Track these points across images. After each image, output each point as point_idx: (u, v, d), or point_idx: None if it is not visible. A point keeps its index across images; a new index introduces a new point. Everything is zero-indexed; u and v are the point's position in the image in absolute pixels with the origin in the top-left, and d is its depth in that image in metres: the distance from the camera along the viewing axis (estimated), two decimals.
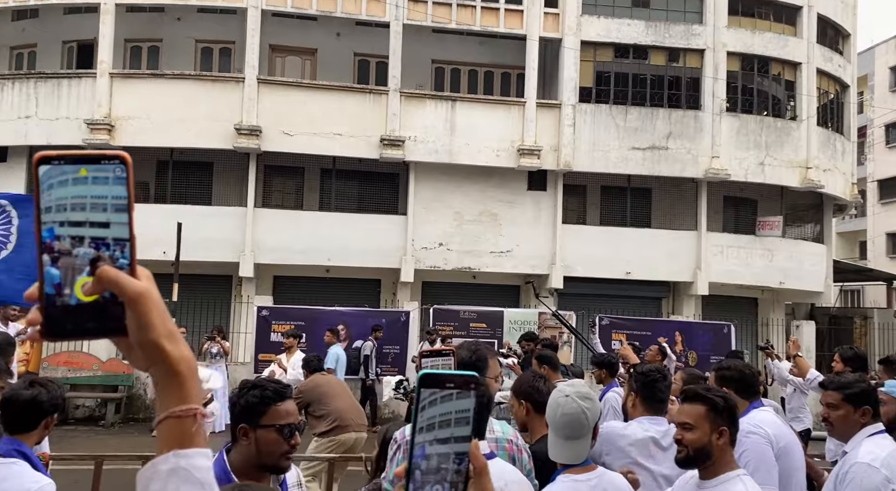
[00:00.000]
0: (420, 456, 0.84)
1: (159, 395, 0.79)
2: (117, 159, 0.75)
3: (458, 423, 0.85)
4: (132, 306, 0.75)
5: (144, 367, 0.78)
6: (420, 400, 0.84)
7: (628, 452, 3.29)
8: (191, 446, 0.78)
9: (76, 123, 14.64)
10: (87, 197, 0.75)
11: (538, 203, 16.28)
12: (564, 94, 16.12)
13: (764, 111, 17.47)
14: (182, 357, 0.79)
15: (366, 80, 16.87)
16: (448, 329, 13.48)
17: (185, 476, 0.76)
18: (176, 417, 0.78)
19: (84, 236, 0.75)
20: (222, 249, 14.72)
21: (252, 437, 2.07)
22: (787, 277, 16.84)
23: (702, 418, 2.41)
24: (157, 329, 0.77)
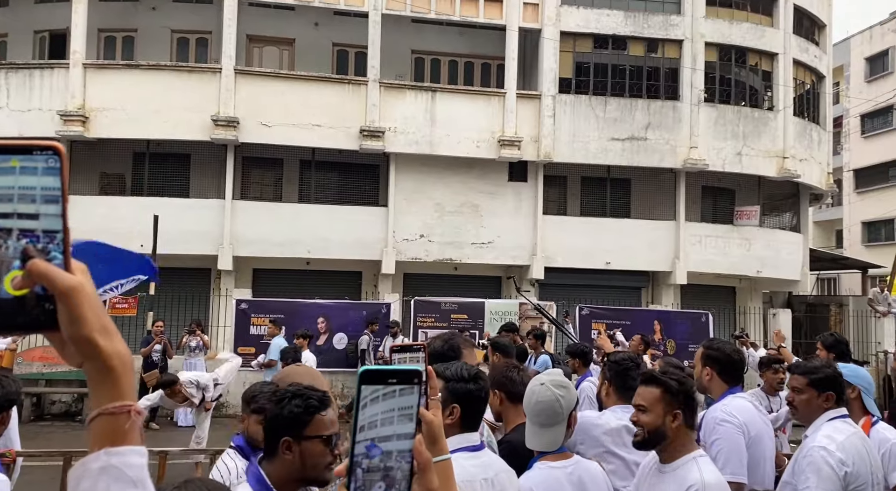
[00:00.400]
0: (362, 454, 0.83)
1: (93, 391, 0.77)
2: (50, 150, 0.73)
3: (400, 420, 0.84)
4: (63, 300, 0.73)
5: (77, 363, 0.77)
6: (361, 398, 0.83)
7: (602, 440, 3.32)
8: (123, 444, 0.76)
9: (49, 115, 14.38)
10: (15, 188, 0.72)
11: (519, 194, 16.31)
12: (544, 85, 16.13)
13: (741, 101, 17.62)
14: (116, 352, 0.77)
15: (345, 71, 16.75)
16: (429, 320, 13.51)
17: (116, 474, 0.74)
18: (109, 413, 0.76)
19: (11, 228, 0.72)
20: (200, 241, 14.57)
21: (296, 450, 1.92)
22: (765, 266, 17.05)
23: (657, 401, 2.46)
24: (90, 324, 0.75)
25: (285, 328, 12.38)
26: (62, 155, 0.73)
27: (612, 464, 3.27)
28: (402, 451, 0.85)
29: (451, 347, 2.89)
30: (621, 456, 3.28)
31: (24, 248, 0.73)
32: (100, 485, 0.74)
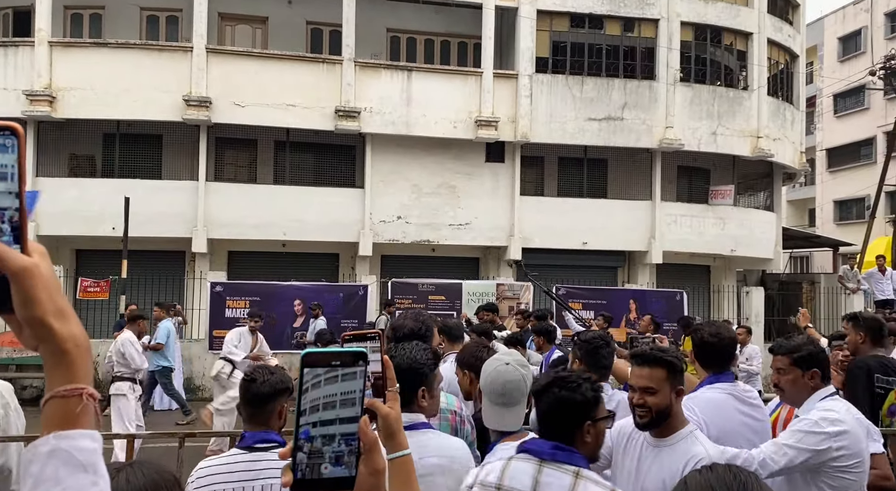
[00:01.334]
0: (304, 437, 0.82)
1: (47, 374, 0.77)
2: (8, 130, 0.73)
3: (343, 405, 0.84)
4: (16, 282, 0.73)
5: (33, 345, 0.76)
6: (303, 381, 0.82)
7: None
8: (74, 427, 0.75)
9: (14, 95, 14.01)
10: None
11: (496, 175, 16.29)
12: (521, 65, 16.04)
13: (716, 81, 17.70)
14: (70, 335, 0.76)
15: (319, 50, 16.50)
16: (407, 302, 13.49)
17: (65, 458, 0.74)
18: (60, 397, 0.75)
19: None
20: (174, 223, 14.38)
21: None
22: (739, 245, 17.27)
23: (664, 381, 2.46)
24: (44, 306, 0.74)
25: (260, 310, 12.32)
26: (19, 134, 0.73)
27: None
28: (346, 434, 0.84)
29: (427, 328, 2.90)
30: None
31: None
32: (48, 469, 0.73)
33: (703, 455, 2.38)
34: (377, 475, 0.88)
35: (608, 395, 3.42)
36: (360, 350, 0.85)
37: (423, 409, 2.24)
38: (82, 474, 0.74)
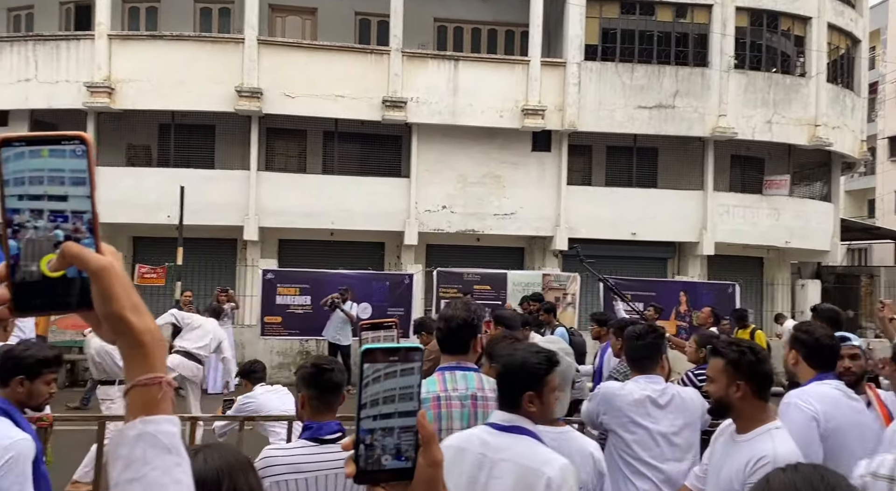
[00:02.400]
0: (366, 431, 0.86)
1: (126, 365, 0.82)
2: (77, 139, 0.78)
3: (402, 399, 0.87)
4: (96, 280, 0.78)
5: (111, 339, 0.81)
6: (363, 376, 0.85)
7: (625, 410, 3.32)
8: (157, 413, 0.81)
9: (76, 87, 14.51)
10: (45, 170, 0.77)
11: (542, 164, 16.16)
12: (569, 53, 15.83)
13: (772, 68, 17.14)
14: (146, 328, 0.81)
15: (367, 40, 16.60)
16: (452, 292, 13.53)
17: (151, 441, 0.79)
18: (142, 385, 0.81)
19: (42, 209, 0.77)
20: (226, 212, 14.73)
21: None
22: (794, 236, 16.76)
23: (720, 372, 2.55)
24: (121, 301, 0.79)
25: (310, 298, 12.58)
26: (88, 143, 0.78)
27: (636, 434, 3.28)
28: (404, 427, 0.88)
29: (478, 317, 2.86)
30: (645, 426, 3.29)
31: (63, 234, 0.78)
32: (136, 451, 0.78)
33: (767, 454, 2.36)
34: (435, 467, 0.90)
35: (661, 387, 3.39)
36: (417, 345, 0.89)
37: (529, 414, 2.17)
38: (167, 456, 0.80)
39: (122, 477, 0.78)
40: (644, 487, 3.23)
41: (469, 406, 2.64)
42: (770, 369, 2.57)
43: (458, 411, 2.61)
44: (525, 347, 2.24)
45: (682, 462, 3.27)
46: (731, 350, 2.55)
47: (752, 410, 2.52)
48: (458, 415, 2.60)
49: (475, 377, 2.74)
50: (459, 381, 2.69)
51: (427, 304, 14.27)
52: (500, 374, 2.20)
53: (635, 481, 3.25)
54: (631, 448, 3.29)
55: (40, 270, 0.77)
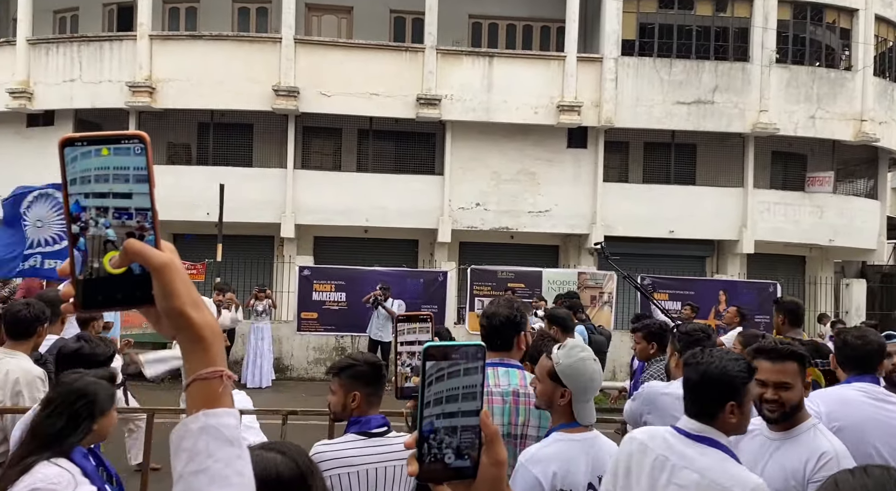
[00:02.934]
0: (428, 429, 0.85)
1: (186, 360, 0.83)
2: (137, 139, 0.79)
3: (465, 398, 0.86)
4: (158, 276, 0.79)
5: (171, 334, 0.82)
6: (426, 375, 0.85)
7: (671, 410, 3.26)
8: (218, 406, 0.82)
9: (118, 86, 14.85)
10: (109, 168, 0.78)
11: (578, 161, 16.01)
12: (606, 48, 15.65)
13: (816, 62, 16.70)
14: (206, 323, 0.82)
15: (402, 38, 16.65)
16: (486, 289, 13.50)
17: (214, 433, 0.80)
18: (203, 379, 0.82)
19: (108, 207, 0.78)
20: (264, 210, 14.93)
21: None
22: (837, 235, 16.32)
23: (796, 375, 2.43)
24: (182, 297, 0.80)
25: (346, 294, 12.69)
26: (147, 142, 0.79)
27: None
28: (468, 426, 0.87)
29: (522, 315, 2.85)
30: None
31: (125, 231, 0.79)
32: (199, 443, 0.80)
33: (829, 452, 2.32)
34: (499, 466, 0.90)
35: None
36: (479, 344, 0.87)
37: (729, 426, 2.08)
38: (230, 448, 0.81)
39: (186, 469, 0.79)
40: None
41: (510, 402, 2.63)
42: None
43: (500, 407, 2.61)
44: (721, 354, 2.14)
45: None
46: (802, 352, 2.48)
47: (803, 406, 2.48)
48: (498, 410, 2.60)
49: (518, 374, 2.73)
50: (502, 377, 2.69)
51: (461, 301, 14.28)
52: (695, 382, 2.12)
53: None
54: None
55: (103, 266, 0.78)
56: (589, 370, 2.33)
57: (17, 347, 3.39)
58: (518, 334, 2.81)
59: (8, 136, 15.58)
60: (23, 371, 3.29)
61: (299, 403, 9.36)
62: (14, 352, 3.38)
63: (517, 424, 2.62)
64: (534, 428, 2.64)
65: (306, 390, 11.97)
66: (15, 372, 3.30)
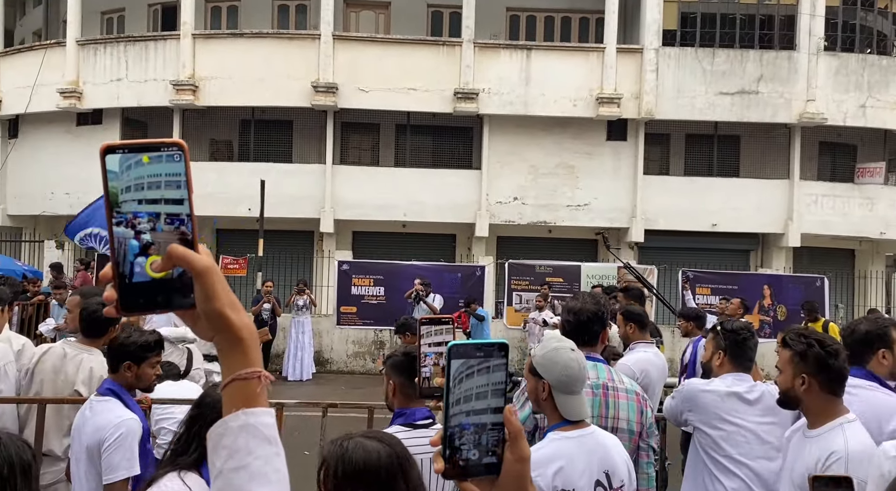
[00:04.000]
0: (455, 426, 0.86)
1: (224, 360, 0.85)
2: (175, 146, 0.81)
3: (494, 395, 0.87)
4: (200, 280, 0.81)
5: (210, 336, 0.84)
6: (453, 373, 0.85)
7: (711, 407, 3.22)
8: (256, 405, 0.84)
9: (163, 85, 15.20)
10: (152, 174, 0.81)
11: (618, 154, 15.80)
12: (647, 38, 15.37)
13: (867, 49, 16.12)
14: (244, 325, 0.85)
15: (439, 32, 16.63)
16: (524, 283, 13.45)
17: (253, 432, 0.83)
18: (242, 379, 0.84)
19: (150, 212, 0.81)
20: (303, 205, 15.12)
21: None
22: (889, 227, 15.77)
23: (787, 363, 2.53)
24: (222, 299, 0.83)
25: (384, 289, 12.79)
26: (185, 149, 0.82)
27: (723, 430, 3.18)
28: (495, 423, 0.88)
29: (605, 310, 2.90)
30: (733, 422, 3.18)
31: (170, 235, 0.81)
32: (239, 441, 0.82)
33: (838, 450, 2.29)
34: (523, 462, 0.91)
35: (749, 384, 3.26)
36: (502, 341, 0.88)
37: None
38: (268, 446, 0.83)
39: (226, 465, 0.82)
40: (732, 485, 3.12)
41: (600, 395, 2.69)
42: (842, 364, 2.46)
43: (590, 399, 2.64)
44: None
45: (772, 460, 3.14)
46: (798, 342, 2.51)
47: (821, 404, 2.46)
48: (588, 402, 2.62)
49: (604, 368, 2.80)
50: (590, 370, 2.72)
51: (498, 296, 14.25)
52: None
53: (723, 479, 3.14)
54: (718, 445, 3.18)
55: (145, 271, 0.80)
56: (563, 359, 2.27)
57: (92, 343, 3.52)
58: (603, 329, 2.88)
59: (59, 135, 16.10)
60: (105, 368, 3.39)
61: (339, 395, 9.51)
62: (90, 349, 3.52)
63: (607, 416, 2.67)
64: (624, 421, 2.70)
65: (346, 383, 12.12)
66: (99, 369, 3.43)
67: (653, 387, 4.35)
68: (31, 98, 15.50)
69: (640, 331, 4.69)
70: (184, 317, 0.85)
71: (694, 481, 3.29)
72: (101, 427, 2.68)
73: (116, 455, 2.67)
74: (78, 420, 2.82)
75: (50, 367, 3.49)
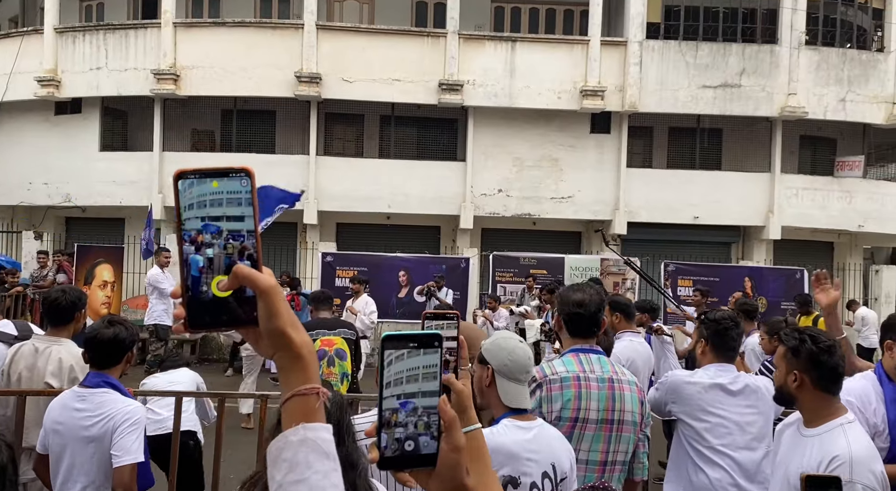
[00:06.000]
0: (390, 410, 0.86)
1: (284, 376, 0.88)
2: (244, 172, 0.85)
3: (425, 378, 0.88)
4: (264, 298, 0.84)
5: (271, 354, 0.87)
6: (385, 358, 0.86)
7: (695, 399, 3.25)
8: (315, 421, 0.86)
9: (144, 74, 14.99)
10: (221, 193, 0.84)
11: (601, 146, 15.86)
12: (631, 31, 15.42)
13: (847, 43, 16.30)
14: (304, 342, 0.87)
15: (424, 23, 16.54)
16: (508, 276, 13.49)
17: (312, 446, 0.85)
18: (301, 395, 0.86)
19: (223, 229, 0.83)
20: None
21: None
22: (867, 220, 16.01)
23: (781, 359, 2.51)
24: (284, 318, 0.85)
25: (369, 281, 12.70)
26: (252, 174, 0.86)
27: (707, 422, 3.21)
28: (429, 407, 0.88)
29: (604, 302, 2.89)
30: (716, 413, 3.22)
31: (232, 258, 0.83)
32: (300, 455, 0.84)
33: (842, 454, 2.26)
34: (458, 452, 0.92)
35: (732, 375, 3.30)
36: (435, 333, 0.89)
37: None
38: (326, 460, 0.85)
39: (286, 479, 0.84)
40: (715, 475, 3.16)
41: (606, 389, 2.68)
42: (836, 361, 2.40)
43: (596, 392, 2.66)
44: None
45: (755, 451, 3.19)
46: (791, 337, 2.47)
47: (815, 402, 2.41)
48: (595, 396, 2.65)
49: (608, 361, 2.80)
50: (595, 364, 2.74)
51: (483, 287, 14.28)
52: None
53: (706, 469, 3.18)
54: (702, 436, 3.22)
55: (211, 289, 0.83)
56: (510, 346, 2.27)
57: (60, 333, 3.48)
58: (602, 320, 2.86)
59: (37, 124, 15.84)
60: (75, 357, 3.39)
61: None
62: (59, 339, 3.48)
63: (614, 409, 2.67)
64: (629, 413, 2.69)
65: None
66: (68, 359, 3.41)
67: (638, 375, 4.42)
68: (7, 86, 15.22)
69: (626, 320, 4.79)
70: (245, 334, 0.87)
71: (677, 472, 3.33)
72: (111, 415, 2.73)
73: (130, 438, 2.72)
74: (66, 413, 2.77)
75: (24, 366, 3.45)
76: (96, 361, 2.86)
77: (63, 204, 15.53)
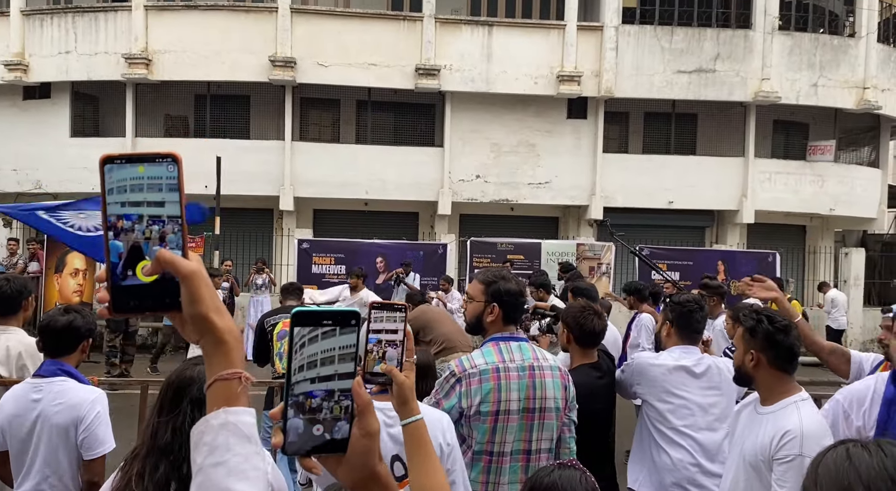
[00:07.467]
0: (299, 395, 0.85)
1: (208, 362, 0.88)
2: (170, 157, 0.85)
3: (342, 359, 0.86)
4: (185, 283, 0.84)
5: (196, 339, 0.87)
6: (296, 338, 0.85)
7: (659, 381, 3.30)
8: (237, 405, 0.86)
9: (114, 58, 14.70)
10: (144, 178, 0.83)
11: (578, 132, 15.91)
12: (607, 16, 15.43)
13: (819, 28, 16.46)
14: (228, 328, 0.87)
15: (400, 6, 16.37)
16: (486, 261, 13.53)
17: (233, 430, 0.85)
18: (224, 379, 0.86)
19: (143, 215, 0.83)
20: (262, 182, 14.88)
21: None
22: (838, 204, 16.28)
23: (739, 339, 2.57)
24: (206, 303, 0.85)
25: (345, 267, 12.70)
26: (179, 160, 0.85)
27: (670, 403, 3.27)
28: (345, 390, 0.86)
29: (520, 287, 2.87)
30: (679, 395, 3.28)
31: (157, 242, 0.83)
32: (220, 438, 0.84)
33: (793, 428, 2.30)
34: (370, 437, 0.91)
35: (696, 357, 3.36)
36: (353, 310, 0.88)
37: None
38: (247, 444, 0.85)
39: (206, 461, 0.84)
40: (677, 455, 3.23)
41: (526, 377, 2.64)
42: (792, 341, 2.44)
43: (516, 382, 2.62)
44: None
45: (716, 432, 3.26)
46: (749, 318, 2.51)
47: (771, 381, 2.46)
48: (514, 386, 2.61)
49: (528, 348, 2.76)
50: (515, 352, 2.70)
51: (461, 273, 14.32)
52: None
53: (669, 450, 3.25)
54: (665, 417, 3.28)
55: (136, 274, 0.83)
56: None
57: (8, 321, 3.45)
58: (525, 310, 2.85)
59: (5, 109, 15.49)
60: (24, 345, 3.36)
61: None
62: (6, 327, 3.44)
63: (534, 397, 2.63)
64: (551, 399, 2.66)
65: None
66: (16, 346, 3.38)
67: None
68: None
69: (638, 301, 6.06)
70: (172, 319, 0.88)
71: (641, 452, 3.39)
72: (75, 405, 2.69)
73: (101, 429, 2.70)
74: (23, 405, 2.71)
75: None
76: (50, 349, 2.82)
77: (33, 191, 15.25)
